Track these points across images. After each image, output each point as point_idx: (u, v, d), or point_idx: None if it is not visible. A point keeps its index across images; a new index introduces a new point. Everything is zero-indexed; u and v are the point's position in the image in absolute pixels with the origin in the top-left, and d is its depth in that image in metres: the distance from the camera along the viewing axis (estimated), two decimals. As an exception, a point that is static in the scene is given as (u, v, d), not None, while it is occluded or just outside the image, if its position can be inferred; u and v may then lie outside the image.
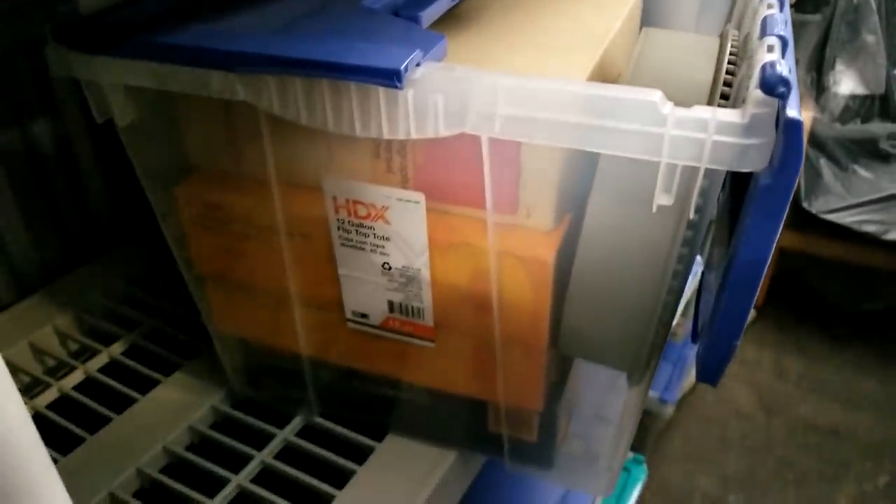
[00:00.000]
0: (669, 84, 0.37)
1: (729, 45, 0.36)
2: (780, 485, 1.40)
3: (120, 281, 0.62)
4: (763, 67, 0.26)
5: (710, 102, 0.35)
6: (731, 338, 0.30)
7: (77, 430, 0.48)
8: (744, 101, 0.27)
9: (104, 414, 0.49)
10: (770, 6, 0.32)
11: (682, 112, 0.26)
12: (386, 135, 0.31)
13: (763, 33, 0.29)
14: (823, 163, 1.61)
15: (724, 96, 0.35)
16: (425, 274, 0.38)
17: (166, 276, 0.62)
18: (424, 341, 0.41)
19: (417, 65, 0.30)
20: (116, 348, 0.56)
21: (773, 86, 0.25)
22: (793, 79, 0.26)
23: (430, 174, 0.36)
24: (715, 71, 0.36)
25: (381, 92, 0.30)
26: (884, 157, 1.66)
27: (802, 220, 1.59)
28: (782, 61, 0.26)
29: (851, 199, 1.55)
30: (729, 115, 0.26)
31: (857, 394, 1.60)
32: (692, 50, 0.38)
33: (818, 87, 1.69)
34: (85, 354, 0.56)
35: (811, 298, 1.76)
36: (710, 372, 0.33)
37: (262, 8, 0.37)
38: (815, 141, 1.60)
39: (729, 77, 0.35)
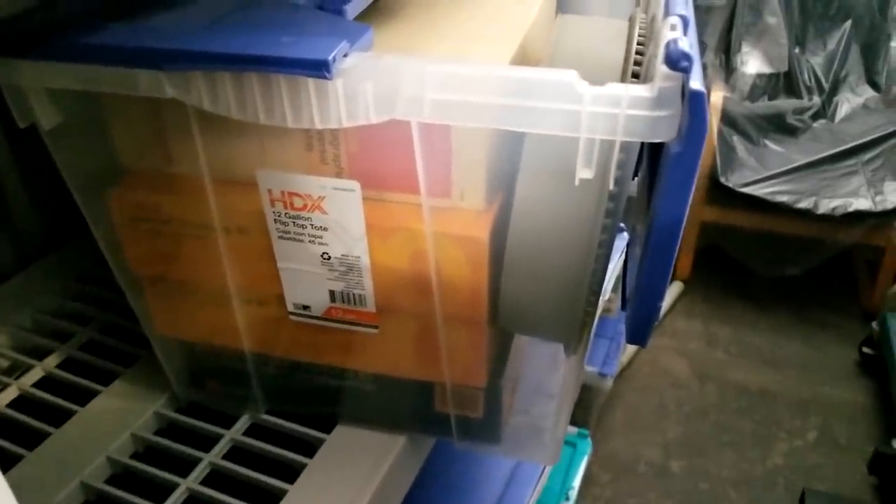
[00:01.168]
0: (585, 66, 0.39)
1: (637, 27, 0.39)
2: (718, 448, 1.47)
3: (48, 295, 0.61)
4: (667, 44, 0.28)
5: (622, 81, 0.37)
6: (656, 299, 0.33)
7: (14, 448, 0.47)
8: (653, 78, 0.29)
9: (42, 429, 0.48)
10: (673, 27, 0.34)
11: (596, 90, 0.28)
12: (318, 125, 0.32)
13: (666, 13, 0.31)
14: (737, 139, 1.68)
15: (636, 75, 0.37)
16: (365, 261, 0.39)
17: (97, 284, 0.61)
18: (368, 328, 0.42)
19: (345, 55, 0.31)
20: (51, 361, 0.54)
21: (677, 60, 0.27)
22: (694, 53, 0.28)
23: (363, 162, 0.37)
24: (626, 52, 0.38)
25: (311, 83, 0.31)
26: (791, 131, 1.75)
27: (720, 195, 1.66)
28: (684, 38, 0.28)
29: (765, 172, 1.64)
30: (639, 91, 0.28)
31: (782, 355, 1.68)
32: (604, 33, 0.40)
33: (727, 68, 1.77)
34: (17, 371, 0.55)
35: (734, 268, 1.84)
36: (638, 334, 0.35)
37: (188, 4, 0.37)
38: (728, 119, 1.68)
39: (638, 57, 0.37)
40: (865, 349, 1.61)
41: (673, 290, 1.82)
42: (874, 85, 1.80)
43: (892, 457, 1.31)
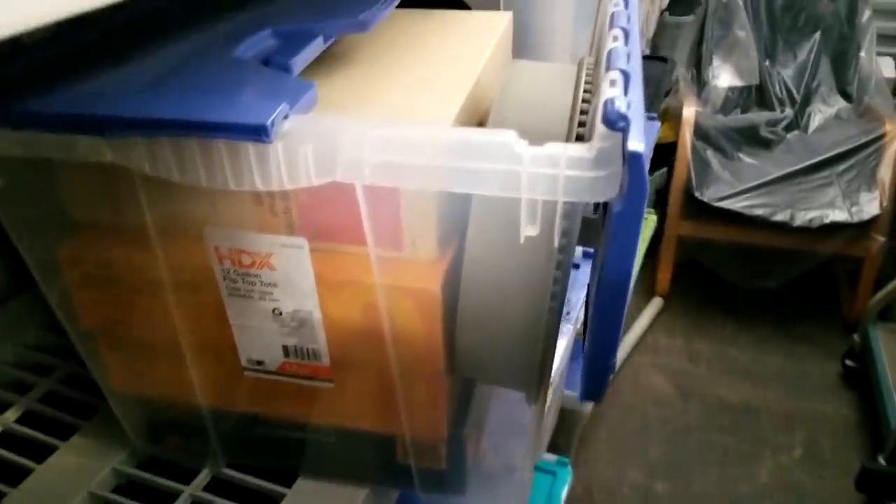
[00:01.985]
0: (532, 114, 0.39)
1: (584, 73, 0.38)
2: (703, 467, 1.46)
3: (7, 346, 0.59)
4: (605, 104, 0.28)
5: (569, 130, 0.37)
6: (608, 356, 0.32)
7: (-33, 512, 0.46)
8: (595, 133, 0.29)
9: (-1, 490, 0.47)
10: (615, 38, 0.34)
11: (535, 150, 0.28)
12: (260, 187, 0.31)
13: (608, 66, 0.31)
14: (710, 153, 1.69)
15: (582, 124, 0.37)
16: (317, 316, 0.38)
17: (57, 333, 0.60)
18: (324, 382, 0.41)
19: (286, 116, 0.31)
20: (10, 415, 0.53)
21: (614, 122, 0.27)
22: (634, 111, 0.28)
23: (314, 214, 0.36)
24: (573, 99, 0.38)
25: (251, 147, 0.30)
26: (765, 143, 1.77)
27: (696, 209, 1.67)
28: (622, 97, 0.28)
29: (739, 186, 1.65)
30: (578, 150, 0.27)
31: (765, 370, 1.69)
32: (554, 80, 0.40)
33: (699, 82, 1.78)
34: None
35: (713, 282, 1.85)
36: (593, 391, 0.34)
37: (129, 62, 0.37)
38: (701, 133, 1.69)
39: (585, 105, 0.37)
40: (848, 361, 1.62)
41: (652, 306, 1.82)
42: (846, 95, 1.82)
43: (879, 473, 1.31)
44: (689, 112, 1.69)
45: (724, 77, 1.76)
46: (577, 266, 0.92)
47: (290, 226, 0.37)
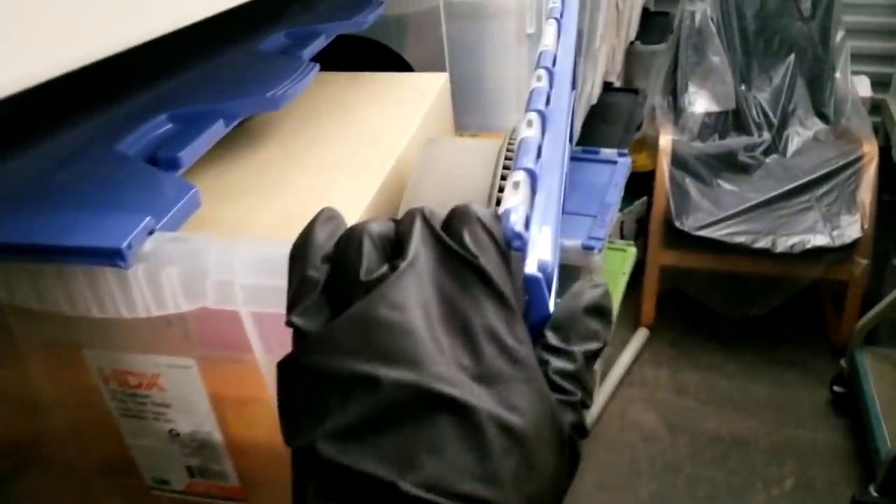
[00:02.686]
0: (448, 193, 0.36)
1: (504, 150, 0.35)
2: (694, 503, 1.42)
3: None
4: (502, 216, 0.24)
5: (487, 207, 0.34)
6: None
7: None
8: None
9: None
10: (530, 123, 0.30)
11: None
12: (126, 315, 0.28)
13: (515, 163, 0.28)
14: (689, 181, 1.67)
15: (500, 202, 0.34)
16: (217, 436, 0.34)
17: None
18: (238, 502, 0.37)
19: (151, 233, 0.27)
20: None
21: (509, 241, 0.24)
22: (536, 224, 0.25)
23: (209, 325, 0.33)
24: (493, 176, 0.35)
25: (109, 272, 0.27)
26: (744, 169, 1.74)
27: (677, 239, 1.64)
28: (519, 209, 0.24)
29: (719, 213, 1.62)
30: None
31: (753, 399, 1.65)
32: (473, 156, 0.37)
33: (675, 109, 1.76)
34: None
35: (698, 311, 1.81)
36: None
37: (15, 159, 0.33)
38: (679, 161, 1.67)
39: (503, 182, 0.34)
40: (836, 387, 1.58)
41: (638, 337, 1.79)
42: (822, 116, 1.80)
43: (869, 504, 1.27)
44: (666, 140, 1.66)
45: (700, 103, 1.74)
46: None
47: (186, 336, 0.33)
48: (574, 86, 0.69)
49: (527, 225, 0.25)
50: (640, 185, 1.76)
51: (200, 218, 0.33)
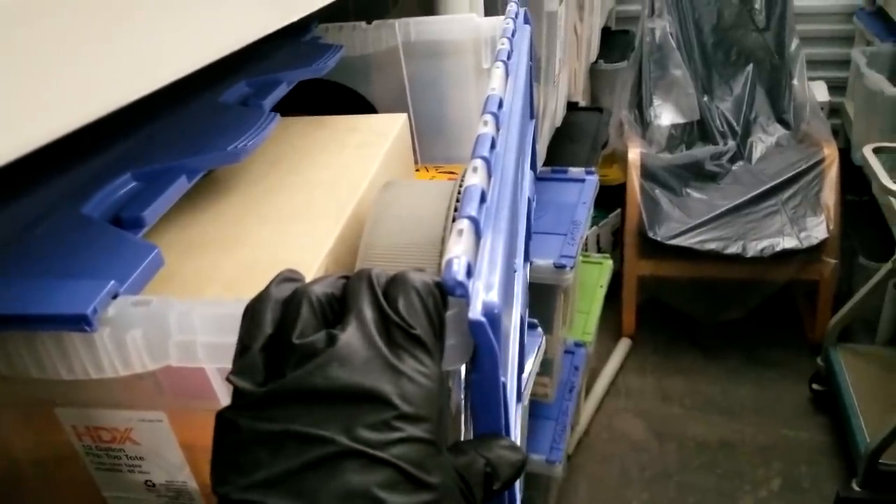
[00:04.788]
0: (403, 238, 0.37)
1: (456, 192, 0.37)
2: (683, 510, 1.43)
3: None
4: (446, 266, 0.26)
5: (442, 250, 0.35)
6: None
7: None
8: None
9: None
10: (475, 170, 0.32)
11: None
12: (94, 376, 0.29)
13: (460, 212, 0.30)
14: (659, 192, 1.70)
15: None
16: (193, 486, 0.35)
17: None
18: (216, 545, 0.38)
19: (115, 297, 0.29)
20: None
21: (452, 289, 0.25)
22: (479, 269, 0.27)
23: (180, 378, 0.34)
24: (445, 219, 0.37)
25: (76, 336, 0.28)
26: (711, 177, 1.78)
27: (652, 249, 1.67)
28: (461, 258, 0.26)
29: (690, 222, 1.65)
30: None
31: (737, 401, 1.67)
32: (428, 200, 0.39)
33: (642, 122, 1.80)
34: None
35: (678, 318, 1.84)
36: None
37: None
38: (648, 173, 1.70)
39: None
40: (815, 385, 1.61)
41: (621, 348, 1.81)
42: (783, 123, 1.85)
43: (854, 500, 1.29)
44: (635, 154, 1.70)
45: (665, 116, 1.78)
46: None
47: (157, 389, 0.34)
48: (532, 115, 0.72)
49: (469, 272, 0.26)
50: (613, 198, 1.79)
51: (165, 274, 0.35)
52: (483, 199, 0.31)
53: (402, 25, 0.66)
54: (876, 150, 1.26)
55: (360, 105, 0.70)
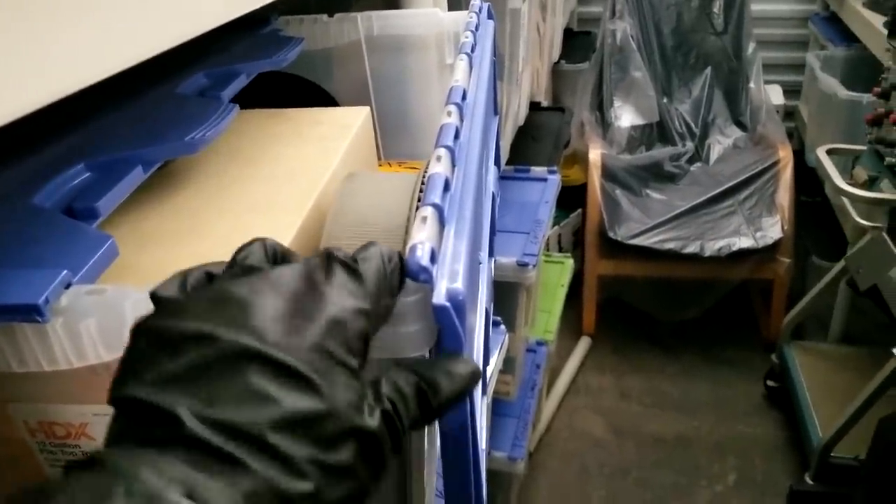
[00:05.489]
0: (367, 226, 0.37)
1: (420, 182, 0.37)
2: (642, 506, 1.45)
3: None
4: (409, 251, 0.26)
5: (405, 241, 0.35)
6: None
7: None
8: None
9: None
10: (438, 159, 0.32)
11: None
12: (46, 368, 0.28)
13: (424, 199, 0.30)
14: (619, 192, 1.72)
15: None
16: (149, 480, 0.34)
17: None
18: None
19: (68, 286, 0.28)
20: None
21: (416, 274, 0.25)
22: (443, 255, 0.26)
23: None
24: (409, 210, 0.36)
25: (27, 327, 0.27)
26: (670, 178, 1.81)
27: (612, 248, 1.69)
28: (425, 244, 0.26)
29: (650, 222, 1.68)
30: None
31: (694, 399, 1.70)
32: (391, 191, 0.38)
33: (603, 124, 1.82)
34: None
35: (637, 317, 1.86)
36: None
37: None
38: (609, 173, 1.72)
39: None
40: (770, 382, 1.65)
41: (581, 346, 1.83)
42: (740, 125, 1.89)
43: (807, 493, 1.32)
44: (596, 154, 1.72)
45: (625, 117, 1.80)
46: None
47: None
48: (496, 111, 0.72)
49: (433, 258, 0.26)
50: (574, 198, 1.81)
51: (120, 265, 0.34)
52: (447, 187, 0.31)
53: (365, 19, 0.66)
54: (829, 152, 1.29)
55: (322, 100, 0.69)
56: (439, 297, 0.25)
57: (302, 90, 0.69)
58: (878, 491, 1.10)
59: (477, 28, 0.52)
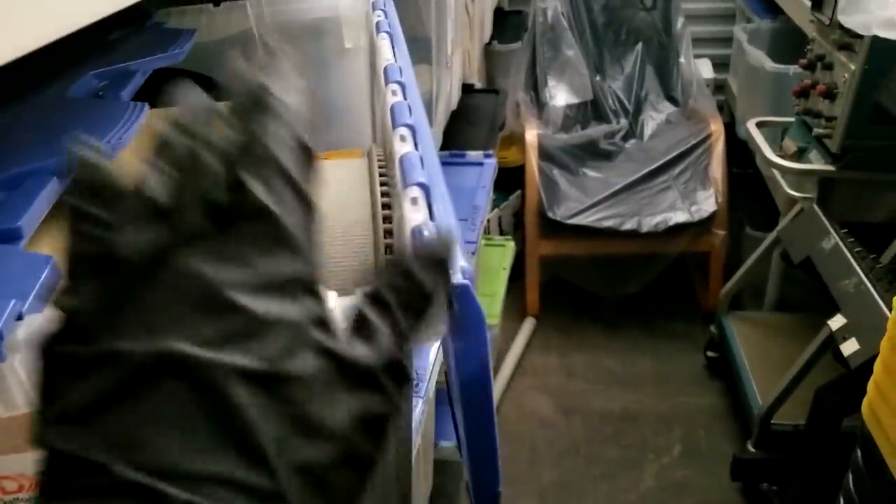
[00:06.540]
0: (333, 211, 0.35)
1: (376, 163, 0.35)
2: (593, 482, 1.47)
3: None
4: (413, 235, 0.23)
5: (375, 239, 0.33)
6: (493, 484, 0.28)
7: None
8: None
9: None
10: (403, 139, 0.30)
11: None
12: (3, 414, 0.24)
13: (405, 181, 0.27)
14: (557, 172, 1.72)
15: (389, 232, 0.33)
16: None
17: None
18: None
19: (19, 318, 0.24)
20: None
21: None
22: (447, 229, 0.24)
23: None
24: (370, 193, 0.34)
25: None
26: (606, 156, 1.82)
27: (552, 228, 1.69)
28: (428, 224, 0.24)
29: (587, 201, 1.69)
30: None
31: (637, 373, 1.73)
32: (347, 175, 0.36)
33: (538, 103, 1.81)
34: None
35: (580, 296, 1.88)
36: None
37: None
38: (546, 154, 1.72)
39: (385, 199, 0.34)
40: (710, 352, 1.69)
41: (526, 327, 1.83)
42: (672, 100, 1.92)
43: (749, 460, 1.36)
44: (532, 135, 1.71)
45: (560, 96, 1.80)
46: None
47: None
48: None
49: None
50: (513, 179, 1.81)
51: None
52: (423, 164, 0.28)
53: (255, 6, 0.61)
54: (759, 125, 1.32)
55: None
56: (457, 277, 0.23)
57: (199, 86, 0.65)
58: (818, 458, 1.14)
59: (385, 4, 0.50)
